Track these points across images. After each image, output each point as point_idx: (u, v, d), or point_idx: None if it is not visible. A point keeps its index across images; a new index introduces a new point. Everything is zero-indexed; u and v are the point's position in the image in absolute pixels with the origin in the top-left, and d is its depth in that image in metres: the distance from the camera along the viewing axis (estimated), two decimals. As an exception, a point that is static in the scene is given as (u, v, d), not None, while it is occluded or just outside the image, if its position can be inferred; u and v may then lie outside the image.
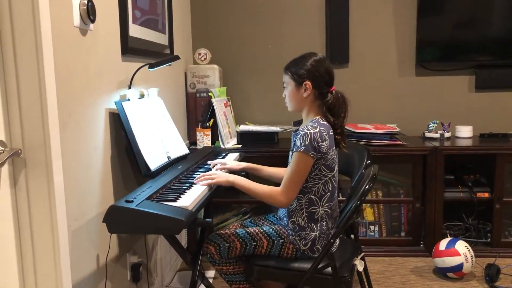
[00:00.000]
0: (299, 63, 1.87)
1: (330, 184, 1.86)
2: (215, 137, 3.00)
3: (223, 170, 2.02)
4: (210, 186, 1.80)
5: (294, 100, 1.90)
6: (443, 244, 2.65)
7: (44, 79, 1.34)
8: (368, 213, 3.11)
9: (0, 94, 1.33)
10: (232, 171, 2.03)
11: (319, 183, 1.83)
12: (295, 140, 1.84)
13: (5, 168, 1.35)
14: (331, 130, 1.84)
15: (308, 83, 1.84)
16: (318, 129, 1.77)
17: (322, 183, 1.84)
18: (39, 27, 1.32)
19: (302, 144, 1.76)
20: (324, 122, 1.83)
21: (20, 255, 1.41)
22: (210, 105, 3.00)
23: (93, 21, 1.66)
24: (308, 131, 1.76)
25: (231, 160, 2.13)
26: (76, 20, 1.57)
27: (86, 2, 1.59)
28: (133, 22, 2.08)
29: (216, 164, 2.07)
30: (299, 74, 1.85)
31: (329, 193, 1.86)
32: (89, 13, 1.61)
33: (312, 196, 1.84)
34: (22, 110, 1.36)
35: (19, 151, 1.35)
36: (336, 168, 1.88)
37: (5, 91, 1.35)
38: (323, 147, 1.77)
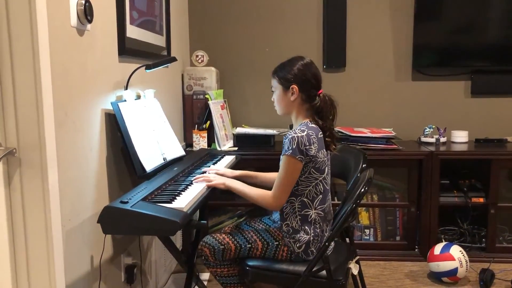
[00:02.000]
0: (286, 67, 1.89)
1: (321, 187, 1.86)
2: (211, 139, 3.00)
3: None
4: (206, 187, 1.81)
5: (282, 103, 1.92)
6: (438, 248, 2.66)
7: (40, 79, 1.34)
8: (364, 217, 3.11)
9: (-5, 93, 1.33)
10: None
11: (310, 186, 1.84)
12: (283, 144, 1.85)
13: None
14: (320, 132, 1.84)
15: (294, 86, 1.86)
16: (305, 133, 1.78)
17: (313, 185, 1.84)
18: (36, 26, 1.32)
19: (290, 148, 1.77)
20: (313, 125, 1.84)
21: (14, 255, 1.40)
22: (206, 107, 3.00)
23: (90, 21, 1.66)
24: (296, 135, 1.77)
25: (225, 168, 2.13)
26: (73, 20, 1.57)
27: (83, 2, 1.59)
28: (131, 23, 2.08)
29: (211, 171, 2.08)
30: (286, 78, 1.87)
31: (321, 196, 1.86)
32: (87, 13, 1.61)
33: (304, 199, 1.85)
34: (17, 109, 1.35)
35: (14, 150, 1.35)
36: (327, 170, 1.89)
37: (1, 89, 1.35)
38: (311, 150, 1.78)
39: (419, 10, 3.20)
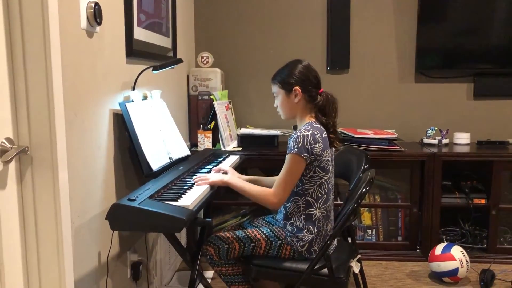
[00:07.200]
0: (286, 71, 1.94)
1: (326, 187, 1.90)
2: (216, 139, 3.03)
3: None
4: (210, 186, 1.85)
5: (287, 107, 1.96)
6: (439, 249, 2.68)
7: (51, 79, 1.38)
8: (366, 217, 3.14)
9: (9, 93, 1.37)
10: None
11: (315, 185, 1.87)
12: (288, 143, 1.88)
13: (12, 165, 1.39)
14: (325, 132, 1.88)
15: (297, 88, 1.90)
16: (311, 132, 1.82)
17: (317, 185, 1.87)
18: (48, 29, 1.37)
19: (295, 146, 1.80)
20: (318, 125, 1.88)
21: (25, 250, 1.45)
22: (211, 107, 3.04)
23: (99, 24, 1.70)
24: (301, 134, 1.81)
25: (232, 169, 2.15)
26: (83, 23, 1.61)
27: (93, 5, 1.64)
28: (138, 25, 2.13)
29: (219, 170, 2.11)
30: (288, 82, 1.92)
31: (325, 195, 1.90)
32: (96, 16, 1.65)
33: (309, 198, 1.88)
34: (29, 108, 1.40)
35: (26, 148, 1.39)
36: (331, 170, 1.92)
37: (14, 90, 1.39)
38: (316, 149, 1.81)
39: (423, 12, 3.23)
